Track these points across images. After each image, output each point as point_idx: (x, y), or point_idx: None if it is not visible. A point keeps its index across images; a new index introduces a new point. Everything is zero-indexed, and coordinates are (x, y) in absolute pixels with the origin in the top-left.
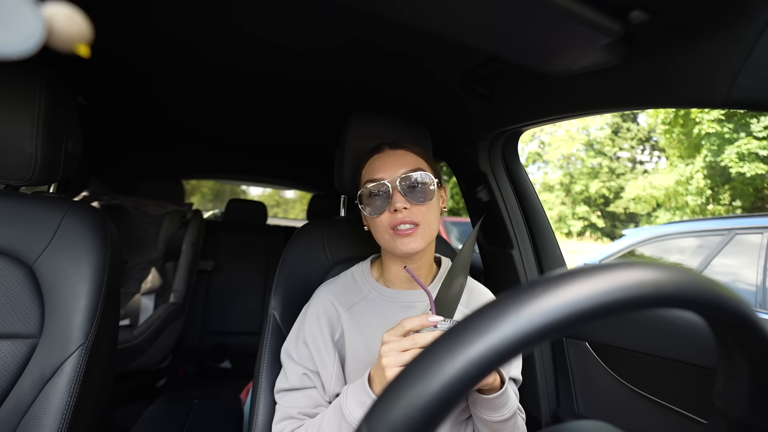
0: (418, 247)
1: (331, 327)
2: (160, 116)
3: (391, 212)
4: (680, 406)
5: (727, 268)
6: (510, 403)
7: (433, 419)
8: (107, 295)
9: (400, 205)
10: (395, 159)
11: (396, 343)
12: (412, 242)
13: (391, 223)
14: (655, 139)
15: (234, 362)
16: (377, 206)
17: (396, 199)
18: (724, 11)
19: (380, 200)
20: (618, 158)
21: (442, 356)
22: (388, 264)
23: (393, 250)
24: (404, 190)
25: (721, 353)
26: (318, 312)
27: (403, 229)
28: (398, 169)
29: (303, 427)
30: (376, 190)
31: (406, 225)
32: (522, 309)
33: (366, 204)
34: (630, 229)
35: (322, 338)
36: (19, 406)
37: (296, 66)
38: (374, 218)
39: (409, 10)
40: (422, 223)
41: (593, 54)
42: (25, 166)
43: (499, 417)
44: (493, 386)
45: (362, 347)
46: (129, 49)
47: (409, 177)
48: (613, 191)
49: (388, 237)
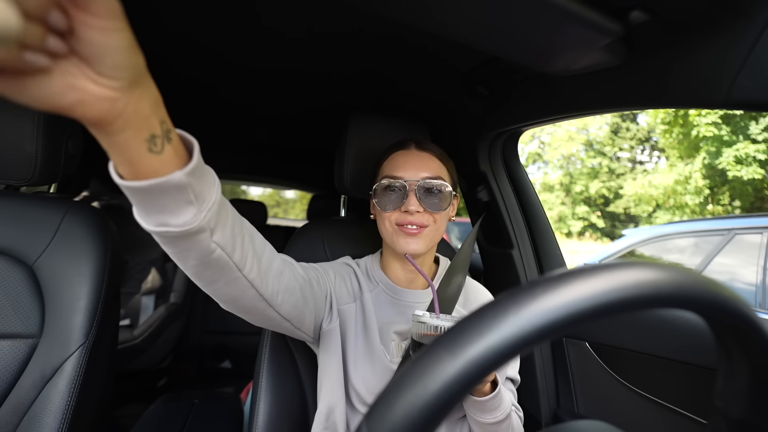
0: (419, 249)
1: (351, 290)
2: None
3: (402, 211)
4: (680, 406)
5: (726, 268)
6: (503, 405)
7: (432, 419)
8: (107, 295)
9: (413, 208)
10: (419, 161)
11: None
12: (415, 243)
13: (399, 220)
14: (655, 139)
15: (234, 362)
16: (390, 201)
17: (410, 201)
18: (724, 11)
19: (395, 197)
20: (618, 158)
21: (442, 356)
22: (388, 260)
23: (393, 245)
24: (421, 194)
25: (721, 353)
26: (344, 267)
27: (409, 228)
28: (420, 172)
29: None
30: (393, 187)
31: (414, 225)
32: (522, 309)
33: (379, 197)
34: (630, 229)
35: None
36: (20, 406)
37: (297, 64)
38: (383, 212)
39: (410, 11)
40: (430, 226)
41: (593, 54)
42: (25, 166)
43: (492, 419)
44: (483, 390)
45: (363, 334)
46: None
47: (429, 183)
48: (613, 191)
49: (392, 231)
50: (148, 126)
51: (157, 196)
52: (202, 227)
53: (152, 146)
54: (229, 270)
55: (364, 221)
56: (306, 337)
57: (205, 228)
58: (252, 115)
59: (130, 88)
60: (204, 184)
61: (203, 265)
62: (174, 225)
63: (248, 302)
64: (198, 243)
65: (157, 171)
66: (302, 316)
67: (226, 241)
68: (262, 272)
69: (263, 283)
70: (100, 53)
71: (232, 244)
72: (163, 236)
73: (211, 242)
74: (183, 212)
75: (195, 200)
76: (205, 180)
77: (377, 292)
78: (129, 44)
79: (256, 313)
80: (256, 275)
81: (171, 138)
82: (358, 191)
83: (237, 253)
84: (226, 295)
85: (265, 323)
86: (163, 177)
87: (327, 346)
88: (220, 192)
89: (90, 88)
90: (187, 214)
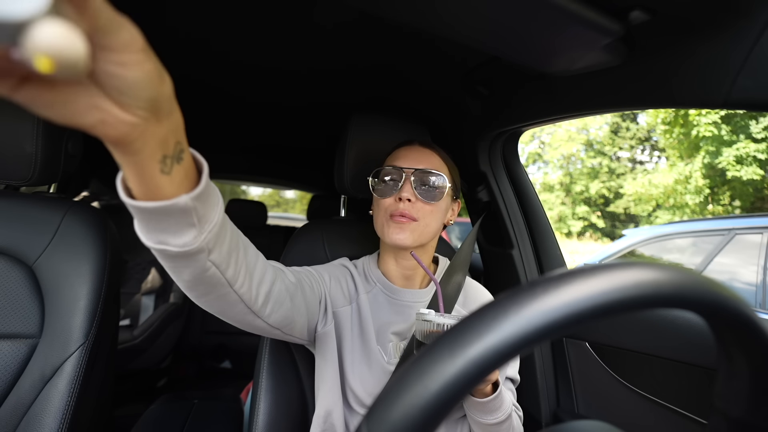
0: (406, 240)
1: (347, 293)
2: None
3: (396, 200)
4: (680, 406)
5: (727, 268)
6: (504, 406)
7: (432, 419)
8: (107, 295)
9: (406, 195)
10: (420, 154)
11: None
12: (401, 233)
13: (391, 209)
14: (655, 139)
15: (234, 362)
16: (386, 188)
17: (405, 188)
18: (725, 11)
19: (391, 184)
20: (618, 158)
21: (441, 356)
22: (385, 259)
23: (383, 236)
24: (416, 182)
25: (721, 353)
26: (340, 269)
27: (397, 218)
28: (419, 163)
29: None
30: (390, 174)
31: (404, 217)
32: (522, 309)
33: (377, 184)
34: (630, 229)
35: (334, 286)
36: (19, 406)
37: (297, 62)
38: (379, 200)
39: (410, 11)
40: (420, 220)
41: (593, 54)
42: (25, 166)
43: (494, 420)
44: (485, 391)
45: (359, 337)
46: None
47: (425, 173)
48: (613, 191)
49: (384, 222)
50: (163, 147)
51: (161, 217)
52: (201, 248)
53: (163, 167)
54: (221, 286)
55: (364, 221)
56: (299, 341)
57: (203, 249)
58: (252, 114)
59: (153, 116)
60: (208, 207)
61: (196, 280)
62: (173, 245)
63: (237, 314)
64: (194, 262)
65: (165, 191)
66: (292, 324)
67: (221, 260)
68: (252, 287)
69: (252, 297)
70: (120, 87)
71: (227, 261)
72: (161, 253)
73: (207, 261)
74: (184, 234)
75: (197, 223)
76: (209, 202)
77: (375, 292)
78: (152, 77)
79: (245, 323)
80: (246, 290)
81: (182, 158)
82: (358, 191)
83: (230, 270)
84: (216, 307)
85: (255, 331)
86: (169, 200)
87: (323, 348)
88: (223, 211)
89: (113, 110)
90: (187, 235)
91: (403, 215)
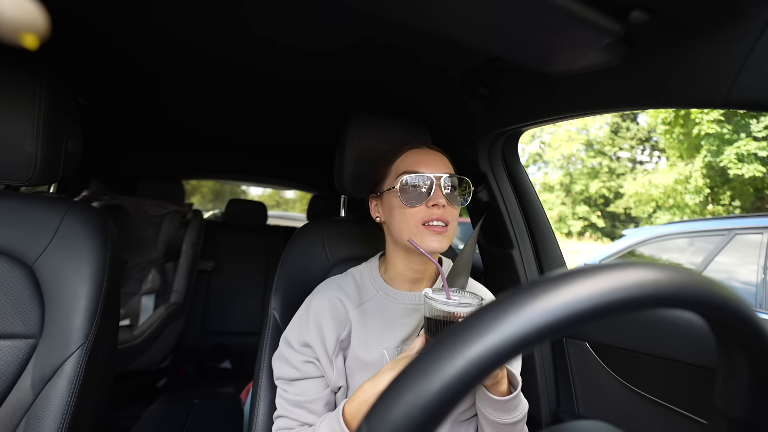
0: (444, 247)
1: (338, 324)
2: (160, 116)
3: (428, 207)
4: (680, 406)
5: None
6: (522, 405)
7: (433, 419)
8: (107, 295)
9: (442, 201)
10: (436, 159)
11: None
12: (441, 240)
13: (425, 217)
14: (655, 139)
15: (234, 362)
16: (416, 197)
17: (437, 194)
18: (725, 11)
19: (420, 191)
20: (618, 158)
21: (442, 356)
22: (393, 261)
23: (420, 242)
24: (445, 188)
25: (721, 353)
26: (324, 306)
27: (435, 225)
28: (441, 168)
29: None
30: (418, 182)
31: (441, 222)
32: (522, 309)
33: (402, 193)
34: (630, 229)
35: (328, 332)
36: (19, 406)
37: (298, 65)
38: (406, 209)
39: (410, 11)
40: (450, 224)
41: (593, 54)
42: (25, 167)
43: (511, 419)
44: (503, 390)
45: (362, 347)
46: (129, 49)
47: (452, 178)
48: (613, 191)
49: (416, 230)
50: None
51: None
52: None
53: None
54: None
55: (364, 221)
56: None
57: None
58: (253, 114)
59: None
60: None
61: None
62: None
63: None
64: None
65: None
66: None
67: None
68: None
69: None
70: None
71: None
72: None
73: None
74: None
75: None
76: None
77: (377, 299)
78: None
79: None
80: None
81: None
82: (358, 191)
83: None
84: None
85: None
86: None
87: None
88: None
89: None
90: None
91: (441, 220)
